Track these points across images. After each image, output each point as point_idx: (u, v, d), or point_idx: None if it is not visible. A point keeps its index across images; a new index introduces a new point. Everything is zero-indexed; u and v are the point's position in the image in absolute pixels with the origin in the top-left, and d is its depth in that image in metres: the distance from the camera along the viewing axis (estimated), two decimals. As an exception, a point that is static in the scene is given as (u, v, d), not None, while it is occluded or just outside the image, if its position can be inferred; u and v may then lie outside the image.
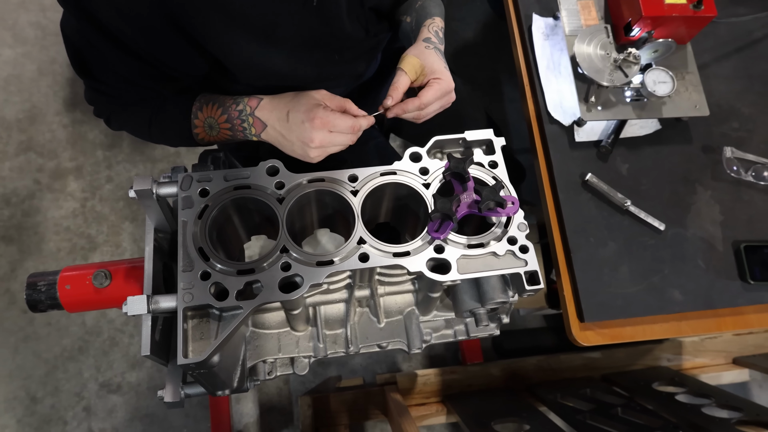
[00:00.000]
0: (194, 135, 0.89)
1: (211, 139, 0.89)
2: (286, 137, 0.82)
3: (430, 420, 1.67)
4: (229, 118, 0.85)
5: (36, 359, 1.74)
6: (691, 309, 1.07)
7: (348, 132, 0.81)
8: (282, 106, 0.82)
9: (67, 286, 0.85)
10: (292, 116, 0.81)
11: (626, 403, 1.52)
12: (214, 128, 0.87)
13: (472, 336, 0.94)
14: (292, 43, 0.84)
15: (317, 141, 0.79)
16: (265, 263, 0.72)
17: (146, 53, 0.77)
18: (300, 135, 0.80)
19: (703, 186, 1.15)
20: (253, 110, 0.84)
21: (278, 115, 0.82)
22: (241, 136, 0.86)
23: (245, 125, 0.84)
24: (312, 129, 0.78)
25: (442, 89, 0.86)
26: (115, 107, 0.90)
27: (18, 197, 1.90)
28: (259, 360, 0.86)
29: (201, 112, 0.87)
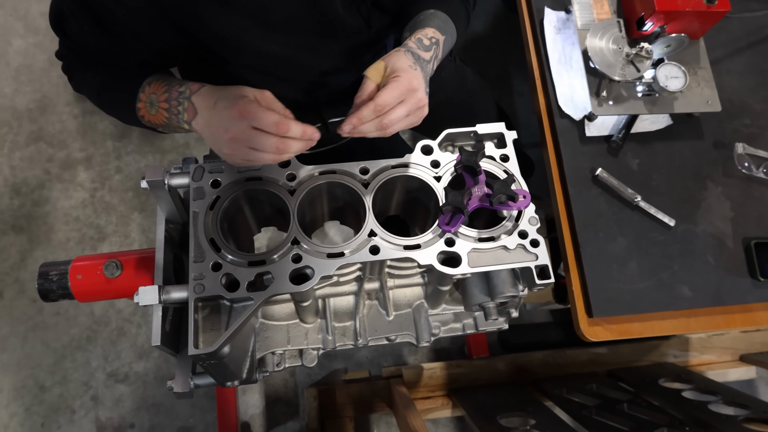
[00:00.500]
0: (137, 110, 0.85)
1: (150, 118, 0.84)
2: (210, 126, 0.76)
3: (435, 413, 1.67)
4: (168, 98, 0.80)
5: (45, 348, 1.75)
6: (700, 305, 1.07)
7: (272, 130, 0.70)
8: (214, 93, 0.77)
9: (78, 275, 0.86)
10: (218, 104, 0.74)
11: (632, 399, 1.52)
12: (153, 106, 0.82)
13: (481, 330, 0.94)
14: (286, 26, 0.83)
15: (232, 132, 0.71)
16: (276, 255, 0.73)
17: (125, 28, 0.78)
18: (219, 123, 0.73)
19: (714, 182, 1.14)
20: (192, 94, 0.78)
21: (208, 103, 0.76)
22: (175, 120, 0.81)
23: (180, 108, 0.79)
24: (230, 118, 0.71)
25: (400, 87, 0.74)
26: (76, 63, 0.89)
27: (28, 187, 1.91)
28: (268, 351, 0.86)
29: (149, 87, 0.83)
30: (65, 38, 0.85)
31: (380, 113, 0.73)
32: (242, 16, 0.78)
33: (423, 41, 0.83)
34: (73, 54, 0.87)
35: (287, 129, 0.70)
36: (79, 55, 0.87)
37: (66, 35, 0.84)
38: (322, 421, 1.68)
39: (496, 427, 1.40)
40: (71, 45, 0.85)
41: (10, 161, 1.94)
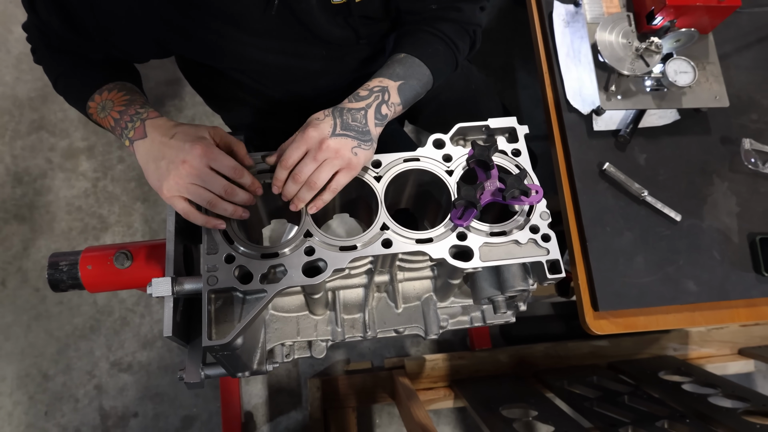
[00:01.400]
0: (87, 107, 0.86)
1: (97, 118, 0.85)
2: (161, 155, 0.75)
3: (437, 404, 1.69)
4: (123, 111, 0.81)
5: (48, 337, 1.75)
6: (705, 300, 1.08)
7: (228, 173, 0.73)
8: (172, 128, 0.77)
9: (88, 266, 0.86)
10: (178, 136, 0.75)
11: (633, 392, 1.53)
12: (105, 110, 0.82)
13: (489, 323, 0.95)
14: (268, 34, 0.83)
15: (188, 166, 0.72)
16: (288, 247, 0.73)
17: (95, 26, 0.79)
18: (176, 154, 0.73)
19: (720, 177, 1.15)
20: (148, 118, 0.79)
21: (164, 132, 0.76)
22: (118, 132, 0.82)
23: (129, 125, 0.79)
24: (191, 151, 0.72)
25: (297, 139, 0.76)
26: (41, 47, 0.89)
27: (30, 176, 1.91)
28: (277, 343, 0.87)
29: (108, 93, 0.83)
30: (34, 17, 0.83)
31: (288, 169, 0.75)
32: (221, 23, 0.78)
33: (359, 94, 0.81)
34: (40, 34, 0.86)
35: (241, 176, 0.74)
36: (45, 37, 0.86)
37: (35, 14, 0.82)
38: (325, 411, 1.69)
39: (498, 418, 1.41)
40: (39, 25, 0.84)
41: (12, 150, 1.94)
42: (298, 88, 0.98)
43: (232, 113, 1.17)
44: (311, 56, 0.88)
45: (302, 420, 1.75)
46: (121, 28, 0.80)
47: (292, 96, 1.01)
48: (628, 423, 1.33)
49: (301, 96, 1.01)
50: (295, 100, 1.02)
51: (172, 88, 2.05)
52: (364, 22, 0.87)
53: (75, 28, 0.80)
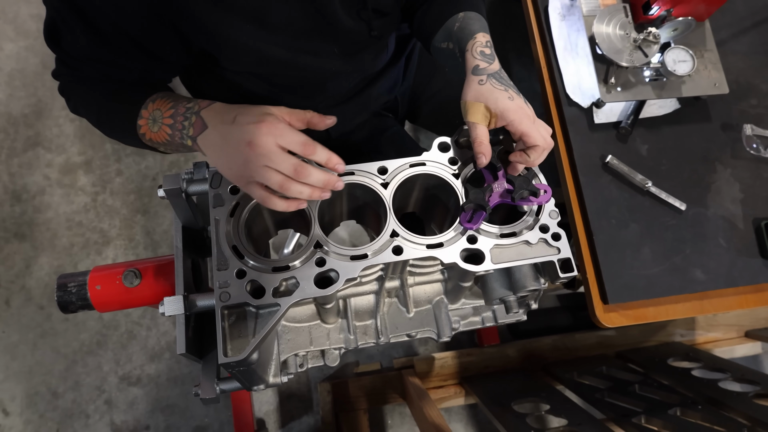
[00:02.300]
0: (137, 127, 0.80)
1: (152, 136, 0.80)
2: (224, 141, 0.71)
3: (448, 402, 1.69)
4: (174, 114, 0.76)
5: (55, 354, 1.75)
6: (713, 288, 1.08)
7: (297, 150, 0.69)
8: (232, 110, 0.73)
9: (97, 286, 0.85)
10: (239, 119, 0.71)
11: (643, 380, 1.53)
12: (156, 122, 0.78)
13: (501, 322, 0.95)
14: (287, 30, 0.81)
15: (254, 147, 0.67)
16: (299, 260, 0.73)
17: (122, 34, 0.74)
18: (240, 137, 0.69)
19: (722, 164, 1.15)
20: (201, 109, 0.75)
21: (224, 117, 0.72)
22: (178, 137, 0.76)
23: (185, 123, 0.75)
24: (256, 131, 0.68)
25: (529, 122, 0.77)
26: (74, 82, 0.85)
27: (28, 193, 1.90)
28: (291, 354, 0.87)
29: (153, 103, 0.79)
30: (61, 53, 0.80)
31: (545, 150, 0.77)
32: (241, 19, 0.76)
33: (485, 53, 0.82)
34: (70, 70, 0.83)
35: (313, 151, 0.69)
36: (77, 71, 0.82)
37: (61, 49, 0.79)
38: (337, 415, 1.69)
39: (510, 413, 1.42)
40: (68, 60, 0.81)
41: (9, 168, 1.92)
42: (307, 92, 0.97)
43: None
44: (325, 54, 0.87)
45: (314, 424, 1.75)
46: (142, 27, 0.75)
47: (302, 102, 1.00)
48: (641, 412, 1.33)
49: (312, 103, 1.00)
50: (305, 107, 1.01)
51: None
52: (375, 16, 0.87)
53: (99, 36, 0.75)
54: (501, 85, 0.79)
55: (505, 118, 0.77)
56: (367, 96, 1.04)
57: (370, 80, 1.02)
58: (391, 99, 1.15)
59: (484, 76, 0.80)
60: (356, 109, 1.07)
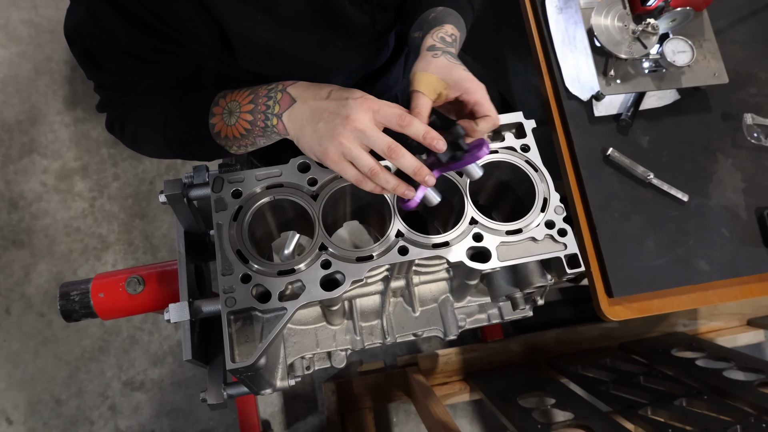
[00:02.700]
0: (210, 126, 0.77)
1: (227, 131, 0.76)
2: (319, 115, 0.68)
3: (453, 399, 1.69)
4: (254, 98, 0.73)
5: (57, 362, 1.74)
6: (717, 278, 1.08)
7: (394, 122, 0.66)
8: (324, 86, 0.72)
9: (100, 294, 0.85)
10: (335, 94, 0.69)
11: (647, 371, 1.54)
12: (233, 114, 0.75)
13: (507, 319, 0.95)
14: (295, 21, 0.81)
15: (353, 120, 0.65)
16: (304, 262, 0.72)
17: (154, 17, 0.72)
18: (338, 110, 0.67)
19: (723, 154, 1.15)
20: (287, 86, 0.73)
21: (316, 92, 0.71)
22: (261, 121, 0.73)
23: (270, 102, 0.72)
24: (356, 106, 0.66)
25: (486, 96, 0.73)
26: (130, 101, 0.83)
27: (25, 200, 1.89)
28: (297, 356, 0.86)
29: (224, 98, 0.76)
30: (104, 74, 0.78)
31: (495, 125, 0.73)
32: (253, 9, 0.76)
33: (446, 39, 0.79)
34: (121, 91, 0.81)
35: (410, 123, 0.66)
36: (130, 88, 0.81)
37: (102, 68, 0.77)
38: (342, 414, 1.69)
39: (516, 408, 1.42)
40: (115, 80, 0.79)
41: (5, 175, 1.91)
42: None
43: None
44: (330, 47, 0.86)
45: (319, 424, 1.74)
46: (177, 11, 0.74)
47: None
48: (647, 404, 1.33)
49: None
50: None
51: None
52: (379, 10, 0.86)
53: (142, 29, 0.72)
54: (456, 60, 0.76)
55: (461, 86, 0.73)
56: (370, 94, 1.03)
57: (372, 77, 1.02)
58: (392, 96, 1.14)
59: (439, 51, 0.77)
60: None
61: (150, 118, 0.82)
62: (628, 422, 1.29)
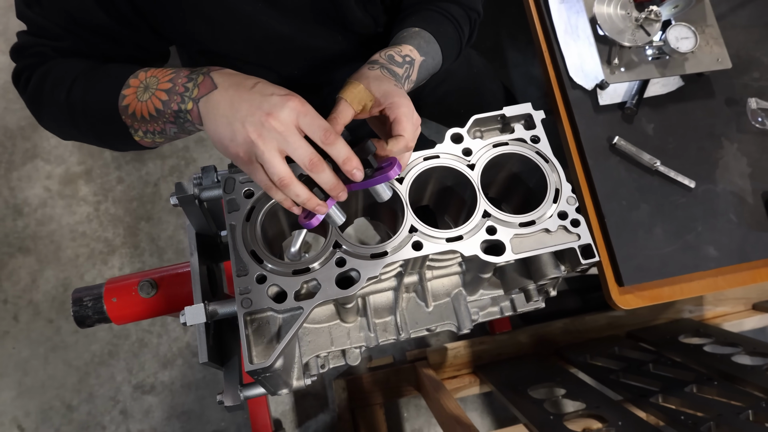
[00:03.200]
0: (120, 98, 0.68)
1: (136, 107, 0.67)
2: (237, 107, 0.61)
3: (463, 392, 1.69)
4: (174, 77, 0.66)
5: (67, 367, 1.74)
6: (726, 264, 1.08)
7: (317, 136, 0.61)
8: (251, 78, 0.65)
9: (113, 298, 0.85)
10: (261, 87, 0.62)
11: (656, 359, 1.54)
12: (148, 89, 0.66)
13: (520, 311, 0.95)
14: (297, 12, 0.81)
15: (274, 118, 0.59)
16: (318, 261, 0.72)
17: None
18: (259, 104, 0.60)
19: (729, 139, 1.15)
20: (211, 71, 0.65)
21: (241, 81, 0.63)
22: (175, 103, 0.65)
23: (189, 84, 0.64)
24: (280, 103, 0.60)
25: (411, 119, 0.69)
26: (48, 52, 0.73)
27: (30, 207, 1.88)
28: (312, 355, 0.86)
29: (146, 72, 0.68)
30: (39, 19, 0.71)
31: (409, 149, 0.69)
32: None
33: (395, 57, 0.76)
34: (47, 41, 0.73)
35: (334, 141, 0.61)
36: (58, 40, 0.72)
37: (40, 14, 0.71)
38: (353, 410, 1.70)
39: (527, 399, 1.42)
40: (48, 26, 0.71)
41: (8, 182, 1.91)
42: (314, 83, 0.96)
43: None
44: (331, 40, 0.86)
45: (330, 421, 1.75)
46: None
47: (308, 93, 0.99)
48: (657, 391, 1.34)
49: (318, 95, 1.00)
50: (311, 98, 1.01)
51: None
52: (383, 11, 0.86)
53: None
54: (391, 76, 0.73)
55: (386, 100, 0.69)
56: None
57: None
58: None
59: (377, 65, 0.74)
60: None
61: (59, 74, 0.72)
62: (640, 410, 1.30)
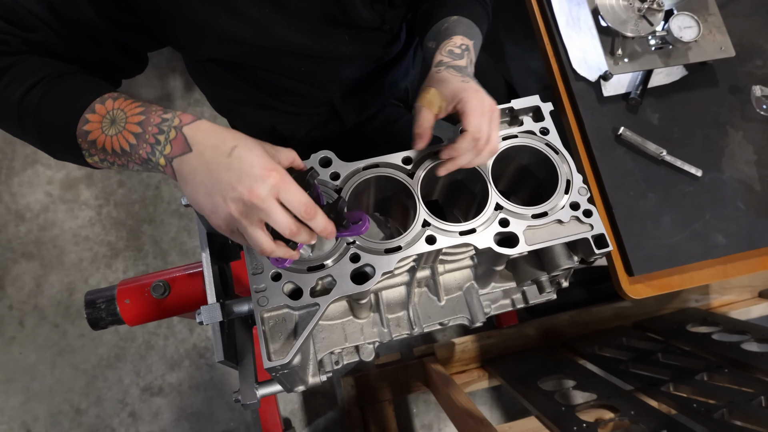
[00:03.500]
0: (81, 121, 0.63)
1: (101, 139, 0.62)
2: (217, 178, 0.59)
3: (472, 386, 1.69)
4: (144, 121, 0.62)
5: (75, 371, 1.74)
6: (735, 251, 1.08)
7: (298, 212, 0.61)
8: (228, 137, 0.61)
9: (126, 300, 0.84)
10: (238, 152, 0.59)
11: (664, 348, 1.54)
12: (116, 124, 0.62)
13: (532, 303, 0.95)
14: (303, 16, 0.81)
15: (254, 195, 0.58)
16: (332, 258, 0.72)
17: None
18: (239, 178, 0.58)
19: (734, 127, 1.15)
20: (183, 124, 0.62)
21: (218, 144, 0.60)
22: (144, 152, 0.61)
23: (160, 137, 0.61)
24: (261, 179, 0.58)
25: (480, 107, 0.73)
26: (14, 42, 0.66)
27: (32, 212, 1.88)
28: (326, 352, 0.86)
29: (114, 101, 0.63)
30: (9, 1, 0.66)
31: (477, 138, 0.72)
32: (260, 5, 0.76)
33: (454, 52, 0.81)
34: (20, 30, 0.67)
35: (313, 216, 0.62)
36: (31, 32, 0.67)
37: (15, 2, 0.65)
38: (362, 407, 1.70)
39: (537, 392, 1.42)
40: (21, 14, 0.66)
41: (10, 188, 1.90)
42: (322, 82, 0.96)
43: (247, 116, 1.11)
44: (337, 40, 0.87)
45: (339, 419, 1.75)
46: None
47: (316, 91, 0.99)
48: (668, 380, 1.34)
49: (325, 92, 1.00)
50: (319, 96, 1.00)
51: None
52: (388, 9, 0.86)
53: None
54: (459, 74, 0.78)
55: (455, 98, 0.74)
56: (381, 85, 1.03)
57: (383, 68, 1.02)
58: (403, 88, 1.14)
59: (443, 67, 0.79)
60: (371, 99, 1.06)
61: (19, 72, 0.66)
62: (652, 399, 1.30)
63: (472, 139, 0.72)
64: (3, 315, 1.77)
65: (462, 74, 0.78)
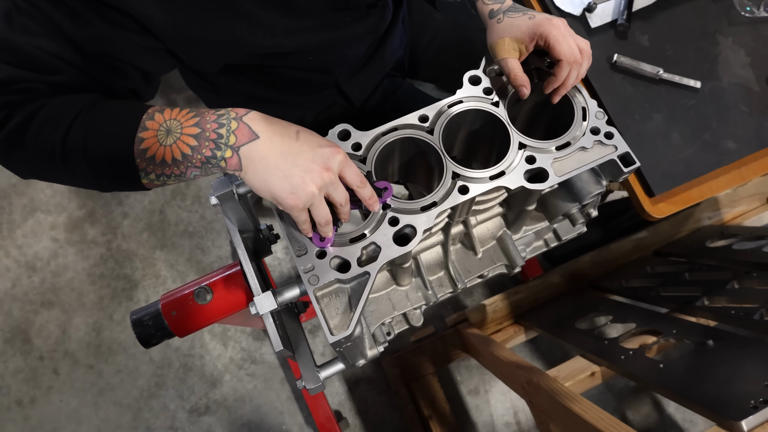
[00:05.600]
0: (137, 141, 0.62)
1: (159, 151, 0.63)
2: (291, 159, 0.62)
3: (510, 342, 1.71)
4: (200, 122, 0.63)
5: (118, 408, 1.74)
6: (746, 153, 1.10)
7: (355, 183, 0.67)
8: (288, 124, 0.66)
9: (172, 312, 0.84)
10: (303, 135, 0.65)
11: (689, 267, 1.56)
12: (172, 134, 0.63)
13: (564, 239, 0.96)
14: (311, 10, 0.80)
15: (331, 175, 0.64)
16: (371, 226, 0.72)
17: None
18: (313, 158, 0.63)
19: (723, 34, 1.16)
20: (240, 116, 0.64)
21: (282, 128, 0.64)
22: (208, 149, 0.62)
23: (221, 131, 0.62)
24: (332, 156, 0.64)
25: (557, 33, 0.77)
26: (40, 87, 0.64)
27: (42, 261, 1.87)
28: (377, 324, 0.87)
29: (162, 114, 0.64)
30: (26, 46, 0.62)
31: (573, 63, 0.77)
32: (271, 8, 0.75)
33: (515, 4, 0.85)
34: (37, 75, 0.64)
35: (366, 185, 0.69)
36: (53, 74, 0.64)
37: (22, 40, 0.62)
38: (408, 384, 1.71)
39: (576, 333, 1.44)
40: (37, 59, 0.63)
41: (14, 241, 1.89)
42: (327, 66, 0.96)
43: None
44: (342, 24, 0.86)
45: (388, 401, 1.76)
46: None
47: (323, 77, 1.00)
48: (700, 296, 1.36)
49: (331, 75, 1.00)
50: (325, 79, 1.01)
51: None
52: None
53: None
54: (518, 12, 0.82)
55: (534, 35, 0.78)
56: (381, 58, 1.04)
57: (380, 42, 1.02)
58: (399, 60, 1.14)
59: (500, 14, 0.83)
60: (373, 74, 1.07)
61: (53, 112, 0.63)
62: (690, 316, 1.32)
63: (567, 63, 0.77)
64: (36, 367, 1.76)
65: (521, 12, 0.82)
